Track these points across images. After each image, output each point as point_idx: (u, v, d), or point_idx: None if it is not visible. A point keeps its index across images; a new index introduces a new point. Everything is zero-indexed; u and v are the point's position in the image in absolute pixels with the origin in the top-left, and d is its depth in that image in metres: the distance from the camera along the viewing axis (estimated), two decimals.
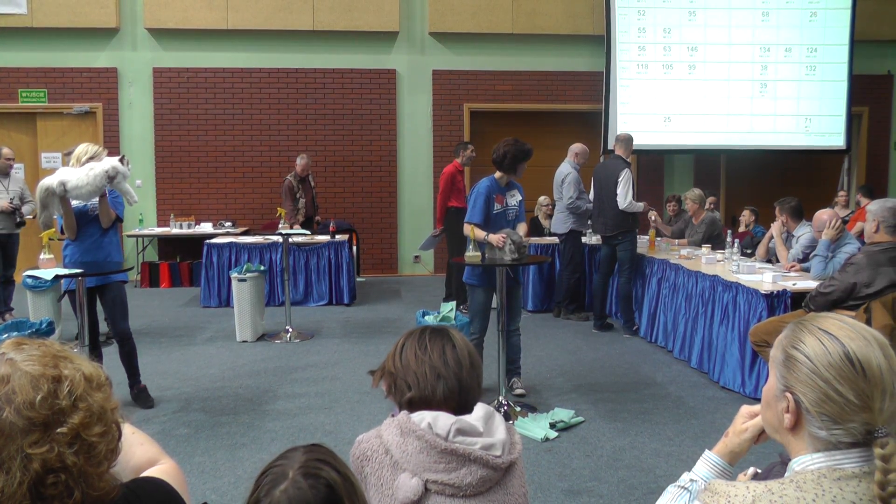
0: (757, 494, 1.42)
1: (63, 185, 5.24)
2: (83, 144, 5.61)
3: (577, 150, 8.66)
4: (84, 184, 5.26)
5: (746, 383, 5.82)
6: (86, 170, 5.31)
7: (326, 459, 1.59)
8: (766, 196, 11.49)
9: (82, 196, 5.35)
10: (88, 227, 5.55)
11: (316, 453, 1.61)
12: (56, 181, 5.24)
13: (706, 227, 8.59)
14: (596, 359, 7.02)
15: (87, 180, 5.26)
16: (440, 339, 2.19)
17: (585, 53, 12.18)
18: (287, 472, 1.54)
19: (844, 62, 11.70)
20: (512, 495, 2.07)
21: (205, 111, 11.79)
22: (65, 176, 5.28)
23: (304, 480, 1.52)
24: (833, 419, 1.44)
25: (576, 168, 8.50)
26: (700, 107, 11.67)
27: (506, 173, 5.73)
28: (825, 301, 5.00)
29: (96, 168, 5.31)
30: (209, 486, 4.25)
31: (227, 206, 11.94)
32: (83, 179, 5.26)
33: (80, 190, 5.28)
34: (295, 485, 1.52)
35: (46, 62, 11.48)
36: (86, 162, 5.41)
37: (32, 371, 1.26)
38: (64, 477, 1.23)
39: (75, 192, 5.29)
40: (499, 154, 5.68)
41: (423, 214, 12.18)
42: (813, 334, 1.50)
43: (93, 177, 5.27)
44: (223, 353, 7.22)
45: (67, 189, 5.25)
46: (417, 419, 2.03)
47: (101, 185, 5.34)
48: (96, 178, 5.29)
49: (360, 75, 11.98)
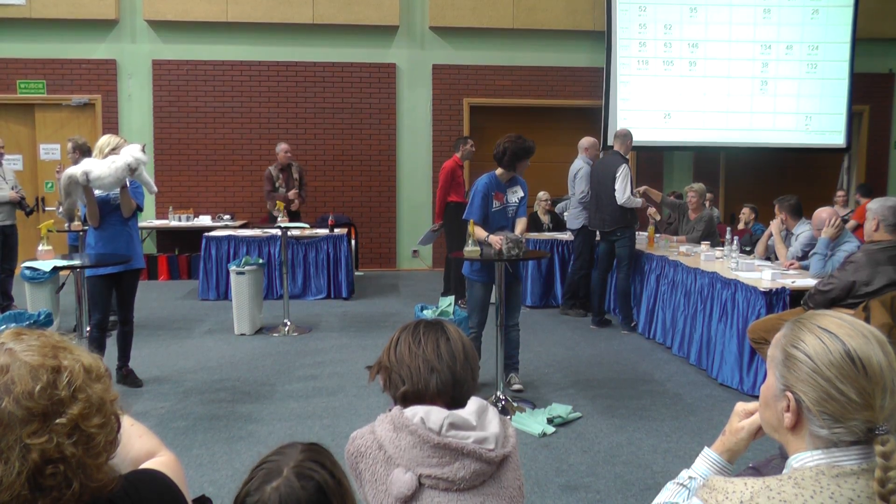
0: (755, 491, 1.42)
1: (86, 175, 5.48)
2: (105, 136, 5.89)
3: (586, 144, 8.67)
4: (107, 175, 5.51)
5: (744, 380, 5.83)
6: (108, 162, 5.55)
7: (322, 461, 1.61)
8: (765, 194, 11.50)
9: (104, 187, 5.61)
10: (110, 216, 5.80)
11: (312, 453, 1.63)
12: (80, 171, 5.49)
13: (705, 224, 8.59)
14: (594, 355, 7.02)
15: (109, 172, 5.51)
16: (434, 332, 2.19)
17: (586, 49, 12.17)
18: (282, 468, 1.57)
19: (846, 60, 11.69)
20: (506, 489, 2.07)
21: (204, 104, 11.78)
22: (89, 166, 5.52)
23: (296, 480, 1.54)
24: (834, 418, 1.44)
25: (588, 163, 8.49)
26: (700, 104, 11.67)
27: (506, 170, 5.71)
28: (824, 299, 5.00)
29: (118, 161, 5.55)
30: (207, 479, 4.25)
31: (226, 199, 11.93)
32: (105, 171, 5.51)
33: (103, 181, 5.53)
34: (287, 483, 1.54)
35: (45, 53, 11.46)
36: (108, 154, 5.64)
37: (32, 361, 1.26)
38: (63, 468, 1.23)
39: (98, 183, 5.54)
40: (499, 150, 5.65)
41: (421, 209, 12.18)
42: (813, 333, 1.50)
43: (115, 169, 5.53)
44: (221, 346, 7.22)
45: (90, 179, 5.50)
46: (410, 414, 2.02)
47: (122, 177, 5.61)
48: (118, 171, 5.54)
49: (359, 69, 11.97)
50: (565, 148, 11.56)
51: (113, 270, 5.66)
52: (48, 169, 11.37)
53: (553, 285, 9.31)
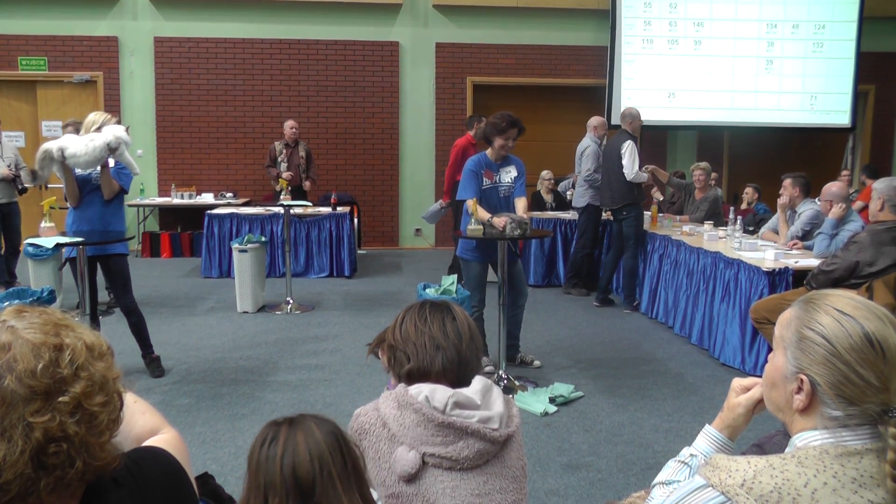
0: (758, 469, 1.41)
1: (61, 152, 5.23)
2: (92, 114, 5.58)
3: (595, 123, 8.64)
4: (82, 153, 5.22)
5: (746, 360, 5.83)
6: (86, 140, 5.27)
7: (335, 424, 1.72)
8: (769, 173, 11.46)
9: (80, 165, 5.32)
10: (90, 196, 5.53)
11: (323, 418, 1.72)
12: (56, 146, 5.24)
13: (709, 204, 8.56)
14: (596, 334, 7.03)
15: (84, 150, 5.22)
16: (440, 311, 2.19)
17: (590, 28, 12.09)
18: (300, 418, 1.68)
19: (852, 39, 11.60)
20: (510, 468, 2.07)
21: (206, 81, 11.73)
22: (65, 142, 5.27)
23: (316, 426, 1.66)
24: (850, 401, 1.42)
25: (596, 142, 8.47)
26: (705, 83, 11.60)
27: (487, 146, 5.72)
28: (827, 279, 4.99)
29: (97, 139, 5.26)
30: (210, 456, 4.26)
31: (229, 176, 11.92)
32: (81, 149, 5.22)
33: (78, 159, 5.25)
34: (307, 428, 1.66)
35: (47, 30, 11.40)
36: (93, 132, 5.36)
37: (34, 339, 1.25)
38: (65, 446, 1.22)
39: (73, 161, 5.27)
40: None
41: (424, 188, 12.16)
42: (828, 314, 1.47)
43: (92, 148, 5.23)
44: (224, 324, 7.23)
45: (66, 156, 5.24)
46: (415, 392, 2.03)
47: (100, 157, 5.29)
48: (95, 150, 5.24)
49: (362, 47, 11.90)
50: (569, 127, 11.52)
51: (90, 253, 5.37)
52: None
53: (556, 264, 9.30)
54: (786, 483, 1.38)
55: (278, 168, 10.08)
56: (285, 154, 10.17)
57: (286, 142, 10.25)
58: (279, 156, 10.17)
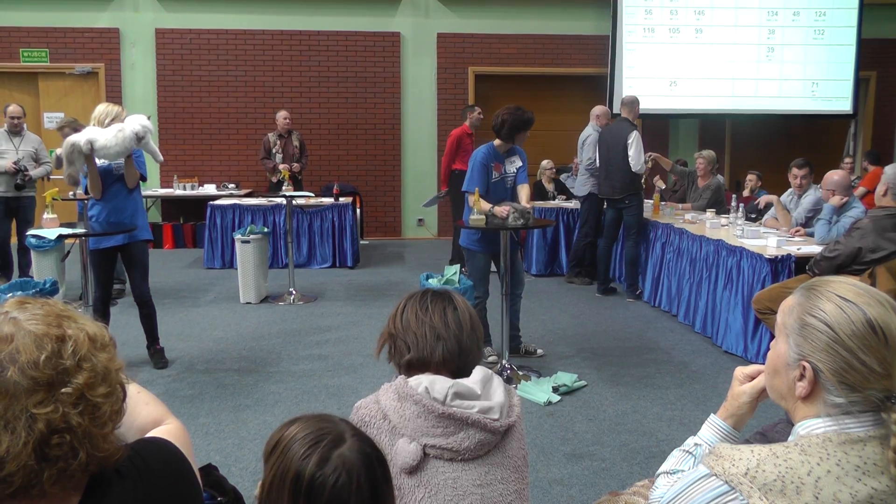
0: (761, 458, 1.41)
1: (90, 144, 5.21)
2: (102, 105, 5.56)
3: (598, 112, 8.64)
4: (112, 144, 5.23)
5: (749, 348, 5.83)
6: (114, 130, 5.26)
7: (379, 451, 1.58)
8: (771, 161, 11.45)
9: (109, 156, 5.33)
10: (113, 187, 5.53)
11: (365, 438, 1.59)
12: (84, 139, 5.21)
13: (712, 192, 8.54)
14: (599, 323, 7.03)
15: (115, 141, 5.23)
16: (441, 301, 2.18)
17: (591, 17, 12.05)
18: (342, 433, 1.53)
19: (853, 26, 11.55)
20: (511, 458, 2.07)
21: (208, 73, 11.71)
22: (93, 135, 5.25)
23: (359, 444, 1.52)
24: (853, 387, 1.42)
25: (598, 130, 8.45)
26: (706, 71, 11.57)
27: (504, 141, 5.67)
28: (829, 266, 4.98)
29: (126, 129, 5.27)
30: (213, 447, 4.27)
31: (231, 167, 11.91)
32: (111, 140, 5.23)
33: (108, 150, 5.25)
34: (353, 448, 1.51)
35: (48, 22, 11.38)
36: (109, 123, 5.35)
37: (36, 330, 1.25)
38: (69, 437, 1.23)
39: (103, 153, 5.27)
40: (497, 122, 5.60)
41: (426, 178, 12.14)
42: (830, 301, 1.47)
43: (122, 138, 5.24)
44: (227, 315, 7.23)
45: (95, 148, 5.23)
46: (415, 383, 2.02)
47: (129, 147, 5.32)
48: (125, 140, 5.26)
49: (364, 38, 11.87)
50: (571, 116, 11.51)
51: (116, 243, 5.45)
52: (52, 137, 11.31)
53: (558, 253, 9.29)
54: (789, 471, 1.38)
55: (273, 160, 10.06)
56: (279, 145, 10.13)
57: (279, 132, 10.20)
58: (273, 147, 10.13)
